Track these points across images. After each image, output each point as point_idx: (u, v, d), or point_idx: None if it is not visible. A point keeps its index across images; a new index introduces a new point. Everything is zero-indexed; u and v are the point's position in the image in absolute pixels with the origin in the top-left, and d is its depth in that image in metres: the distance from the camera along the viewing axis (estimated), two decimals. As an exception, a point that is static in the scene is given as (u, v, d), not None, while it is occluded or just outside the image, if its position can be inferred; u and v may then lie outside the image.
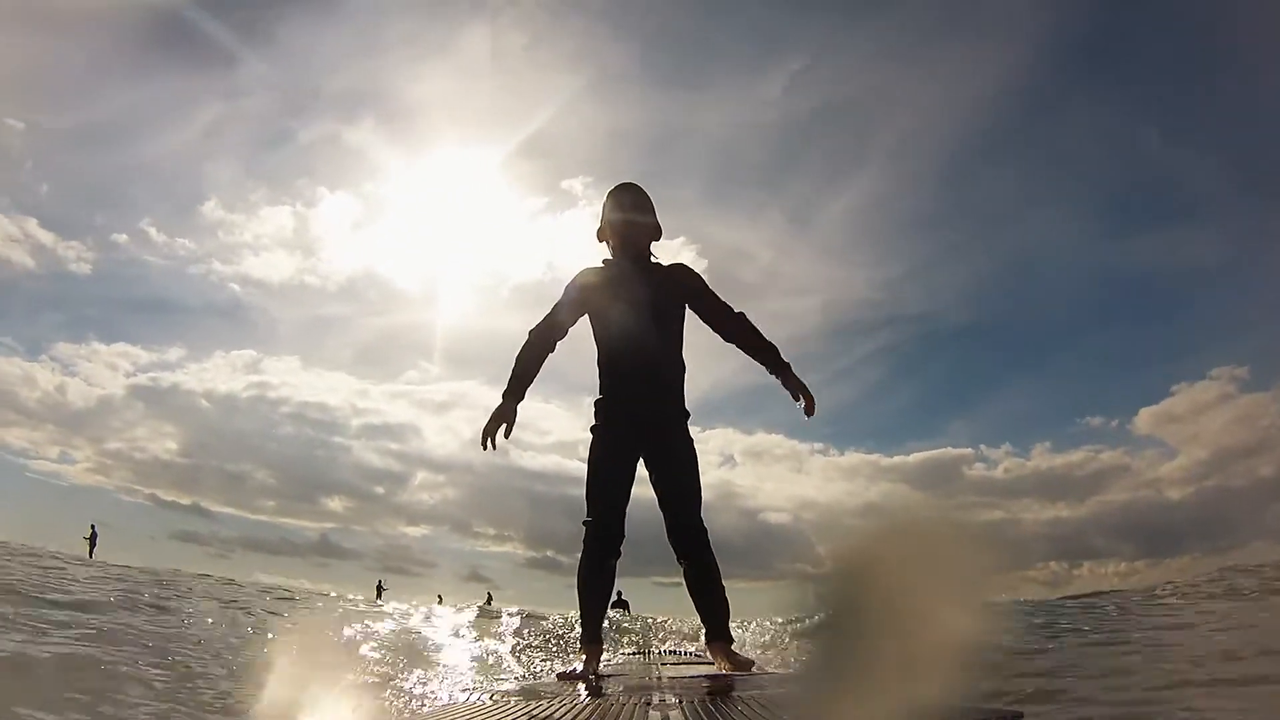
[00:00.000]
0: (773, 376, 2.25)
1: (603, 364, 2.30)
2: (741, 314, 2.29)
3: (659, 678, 2.20)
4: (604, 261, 2.35)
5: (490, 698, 1.78)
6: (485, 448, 2.17)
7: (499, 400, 2.22)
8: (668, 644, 4.92)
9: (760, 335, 2.26)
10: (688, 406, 2.30)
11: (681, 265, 2.36)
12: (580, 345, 2.34)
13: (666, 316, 2.27)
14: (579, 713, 1.42)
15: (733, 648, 2.20)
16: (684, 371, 2.31)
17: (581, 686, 1.89)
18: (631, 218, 2.30)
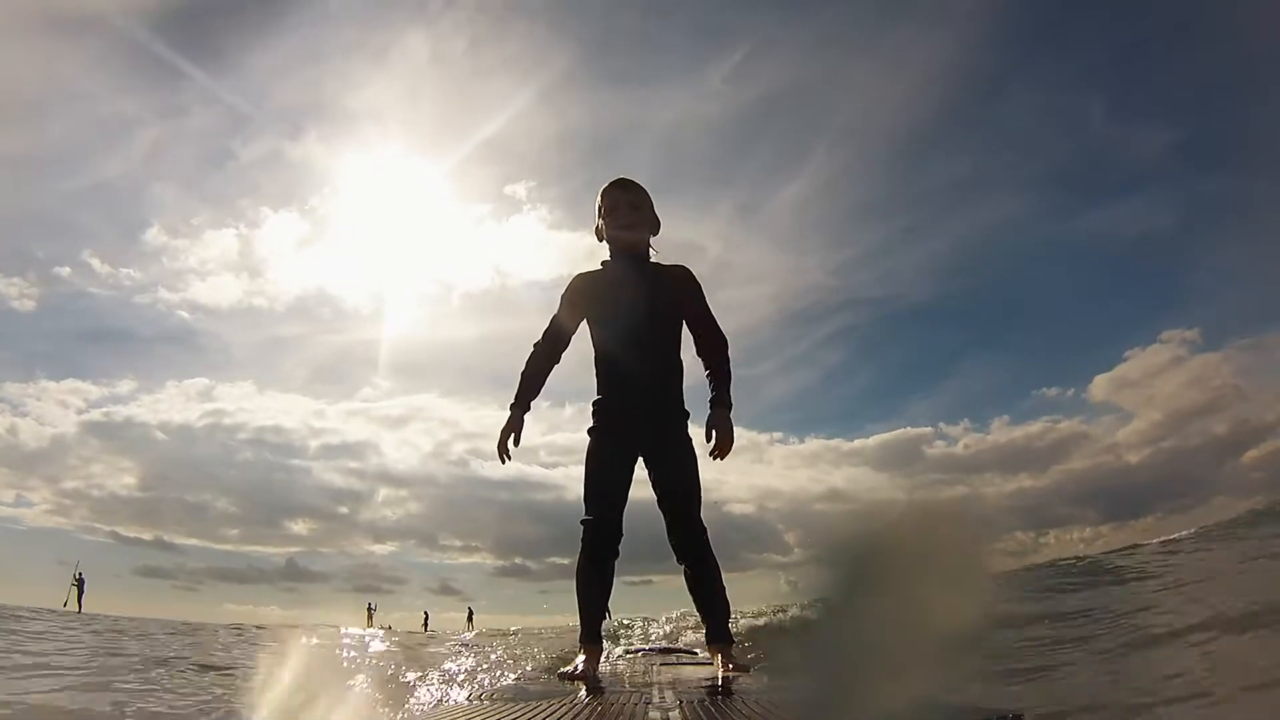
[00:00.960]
0: (709, 402, 2.23)
1: (599, 366, 2.30)
2: (725, 340, 2.29)
3: (659, 678, 2.20)
4: (602, 263, 2.34)
5: (490, 698, 1.78)
6: (503, 462, 2.25)
7: (506, 413, 2.27)
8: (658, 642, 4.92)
9: (728, 366, 2.27)
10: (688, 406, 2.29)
11: (682, 268, 2.34)
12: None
13: (663, 317, 2.26)
14: (579, 713, 1.42)
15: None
16: (682, 371, 2.29)
17: (581, 687, 1.89)
18: (625, 216, 2.28)
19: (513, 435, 2.24)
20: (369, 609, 27.63)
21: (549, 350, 2.30)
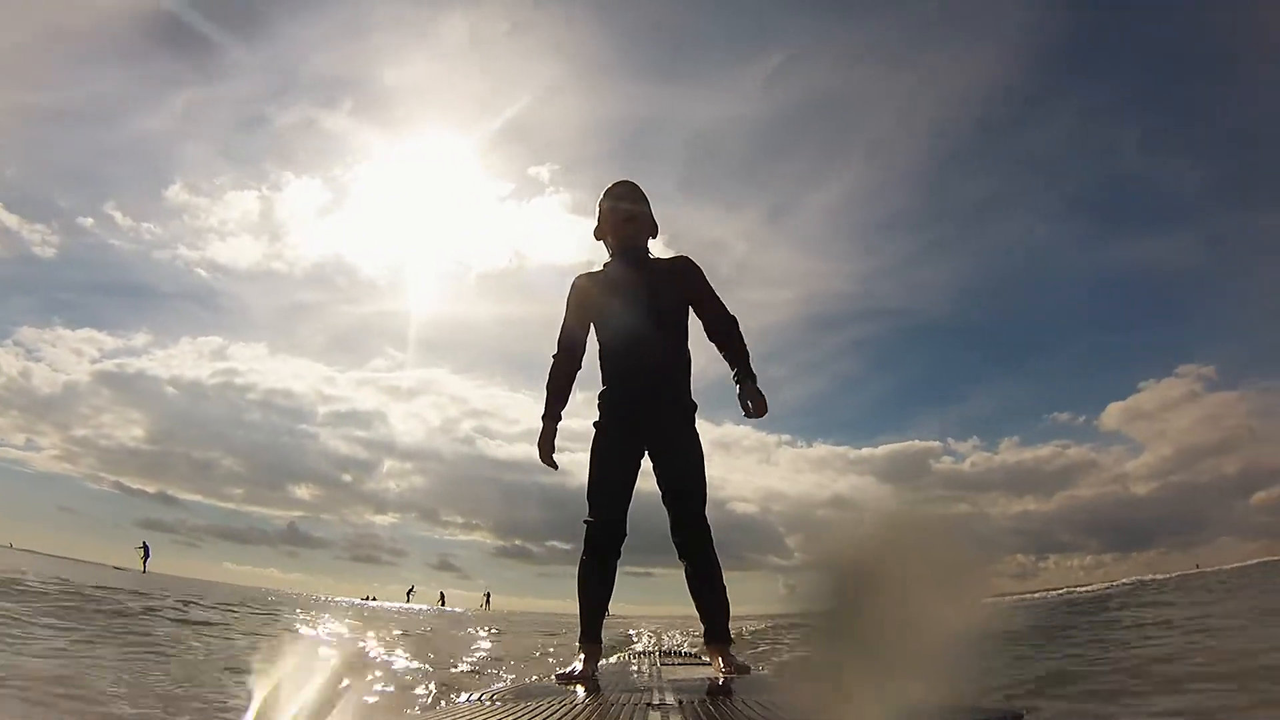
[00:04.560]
0: (734, 378, 2.24)
1: (604, 361, 2.31)
2: (735, 319, 2.30)
3: (658, 678, 2.19)
4: (604, 265, 2.37)
5: (490, 699, 1.77)
6: (555, 469, 2.29)
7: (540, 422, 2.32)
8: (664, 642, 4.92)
9: (744, 342, 2.28)
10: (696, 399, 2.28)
11: (684, 259, 2.35)
12: (551, 334, 2.38)
13: (667, 312, 2.27)
14: (578, 713, 1.42)
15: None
16: (689, 364, 2.29)
17: (580, 687, 1.89)
18: (626, 215, 2.32)
19: (549, 447, 2.30)
20: (409, 591, 30.76)
21: (567, 359, 2.33)
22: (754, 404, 2.20)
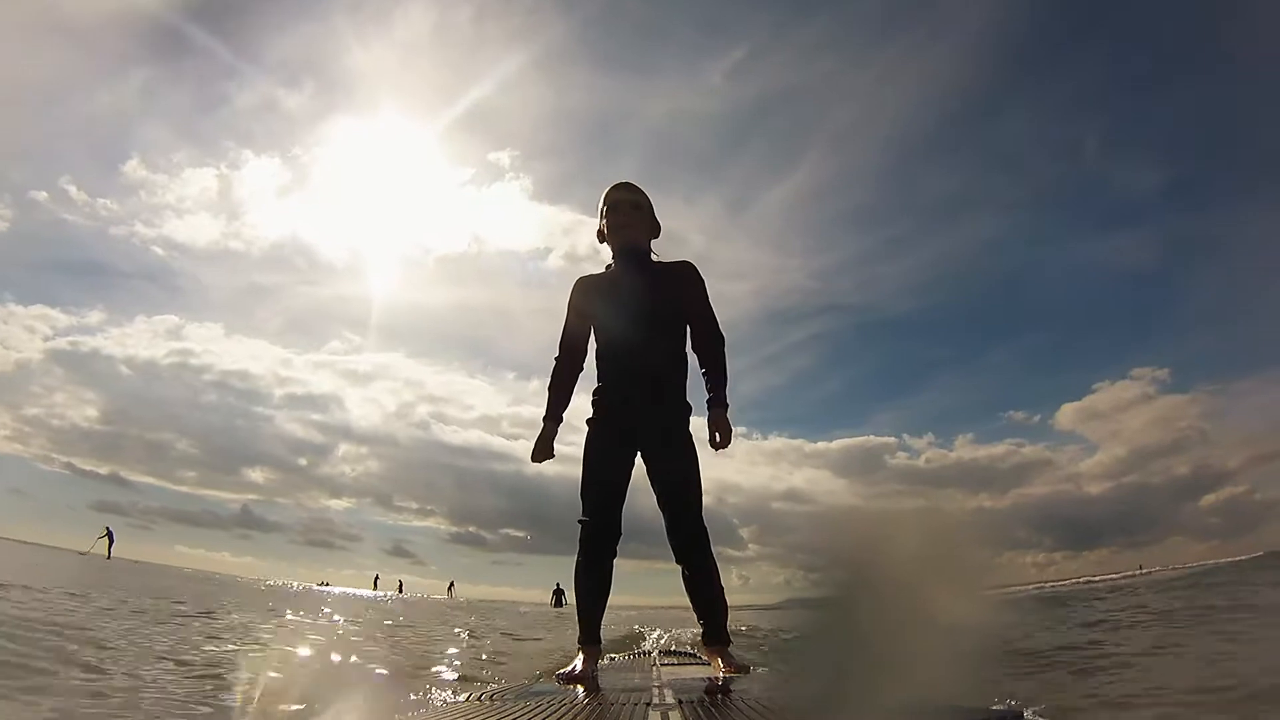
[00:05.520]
0: (707, 402, 2.25)
1: (600, 362, 2.32)
2: (722, 337, 2.31)
3: (658, 678, 2.20)
4: (606, 266, 2.37)
5: (490, 698, 1.78)
6: (552, 457, 2.33)
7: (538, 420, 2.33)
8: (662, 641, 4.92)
9: (724, 363, 2.29)
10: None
11: (686, 264, 2.35)
12: (508, 320, 2.40)
13: (665, 315, 2.27)
14: (578, 713, 1.43)
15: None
16: (686, 366, 2.29)
17: (580, 687, 1.89)
18: (623, 221, 2.31)
19: (547, 446, 2.31)
20: (375, 579, 31.96)
21: (569, 361, 2.34)
22: (720, 434, 2.22)
